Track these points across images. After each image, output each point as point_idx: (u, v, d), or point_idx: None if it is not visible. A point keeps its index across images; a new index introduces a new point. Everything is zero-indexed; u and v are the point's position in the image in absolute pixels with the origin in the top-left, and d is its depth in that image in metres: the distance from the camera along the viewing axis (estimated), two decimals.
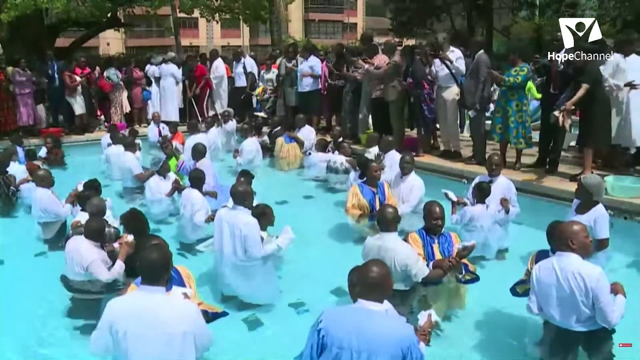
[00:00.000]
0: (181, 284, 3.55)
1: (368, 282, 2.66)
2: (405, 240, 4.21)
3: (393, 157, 6.76)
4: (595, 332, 3.23)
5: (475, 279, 4.19)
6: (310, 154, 8.84)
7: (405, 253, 3.84)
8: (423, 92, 8.26)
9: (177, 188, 6.40)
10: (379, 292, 2.66)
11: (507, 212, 5.31)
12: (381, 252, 3.82)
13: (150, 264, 2.81)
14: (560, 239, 3.29)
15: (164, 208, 6.66)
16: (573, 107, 6.30)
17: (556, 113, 6.25)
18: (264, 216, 4.67)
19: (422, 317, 3.12)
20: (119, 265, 4.21)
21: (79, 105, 11.20)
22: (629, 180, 6.25)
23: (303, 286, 4.84)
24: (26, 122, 10.79)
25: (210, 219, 5.31)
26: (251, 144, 8.95)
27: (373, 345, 2.46)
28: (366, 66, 8.83)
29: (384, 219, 3.96)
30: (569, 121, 6.31)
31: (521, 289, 3.87)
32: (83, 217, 5.12)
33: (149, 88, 12.11)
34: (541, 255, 3.84)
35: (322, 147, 8.76)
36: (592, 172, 6.10)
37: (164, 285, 2.85)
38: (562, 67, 6.85)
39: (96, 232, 4.37)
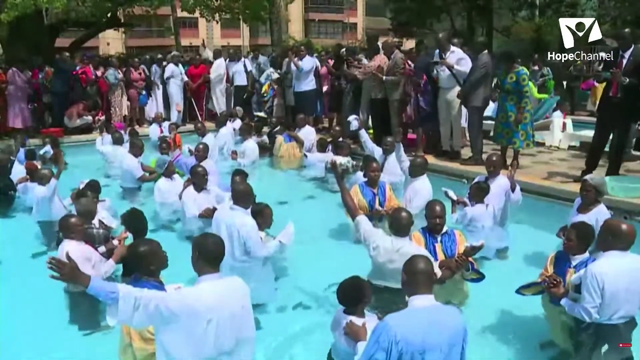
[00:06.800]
0: None
1: (420, 276, 2.66)
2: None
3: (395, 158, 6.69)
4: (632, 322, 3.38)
5: (480, 278, 4.18)
6: (308, 154, 8.83)
7: None
8: (421, 82, 8.29)
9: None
10: (429, 284, 2.68)
11: (512, 189, 5.29)
12: (395, 256, 3.79)
13: (214, 250, 2.86)
14: (628, 239, 3.30)
15: (173, 210, 6.52)
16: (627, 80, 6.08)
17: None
18: (262, 216, 4.62)
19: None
20: (109, 264, 4.19)
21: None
22: (629, 180, 6.25)
23: (302, 286, 4.83)
24: (24, 124, 10.70)
25: (205, 214, 5.32)
26: (253, 145, 8.95)
27: (452, 338, 2.57)
28: (373, 66, 8.84)
29: (399, 224, 3.93)
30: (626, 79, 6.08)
31: (529, 291, 3.80)
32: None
33: (144, 92, 12.05)
34: (560, 256, 3.80)
35: (322, 147, 8.75)
36: None
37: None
38: (626, 80, 6.14)
39: (70, 229, 4.22)
